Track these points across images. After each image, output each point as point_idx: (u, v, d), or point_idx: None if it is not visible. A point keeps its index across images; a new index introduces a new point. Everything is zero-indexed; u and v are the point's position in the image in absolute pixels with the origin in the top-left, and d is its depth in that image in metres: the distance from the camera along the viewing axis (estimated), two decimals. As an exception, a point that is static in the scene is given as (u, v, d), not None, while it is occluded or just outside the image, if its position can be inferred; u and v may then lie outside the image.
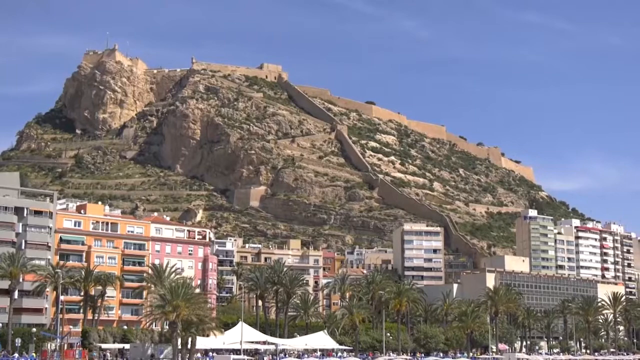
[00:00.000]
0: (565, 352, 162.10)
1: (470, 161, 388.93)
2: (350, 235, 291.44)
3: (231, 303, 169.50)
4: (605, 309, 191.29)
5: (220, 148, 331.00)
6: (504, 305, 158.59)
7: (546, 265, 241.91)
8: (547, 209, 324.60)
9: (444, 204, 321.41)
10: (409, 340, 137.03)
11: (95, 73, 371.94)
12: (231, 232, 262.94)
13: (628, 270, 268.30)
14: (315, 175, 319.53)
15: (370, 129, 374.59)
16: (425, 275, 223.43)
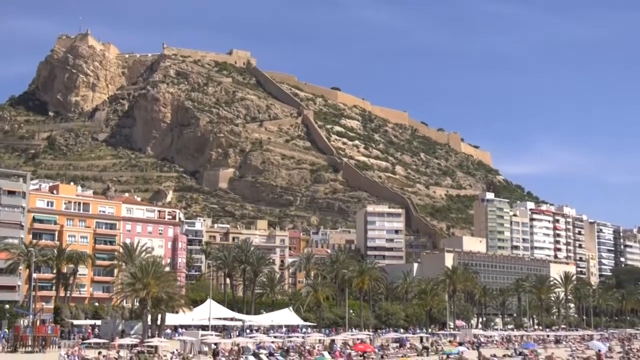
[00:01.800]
0: (518, 328, 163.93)
1: (431, 146, 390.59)
2: (315, 216, 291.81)
3: (200, 281, 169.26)
4: (557, 288, 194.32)
5: (190, 131, 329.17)
6: (462, 283, 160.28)
7: (502, 246, 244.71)
8: (504, 192, 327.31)
9: (405, 186, 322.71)
10: (371, 317, 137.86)
11: (68, 57, 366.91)
12: (200, 213, 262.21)
13: (579, 251, 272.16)
14: (282, 158, 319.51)
15: (335, 114, 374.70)
16: (387, 255, 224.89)
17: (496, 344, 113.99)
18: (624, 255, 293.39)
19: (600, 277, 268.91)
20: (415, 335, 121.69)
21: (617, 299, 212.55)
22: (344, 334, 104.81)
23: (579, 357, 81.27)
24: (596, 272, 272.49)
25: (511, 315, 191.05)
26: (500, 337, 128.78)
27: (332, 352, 76.11)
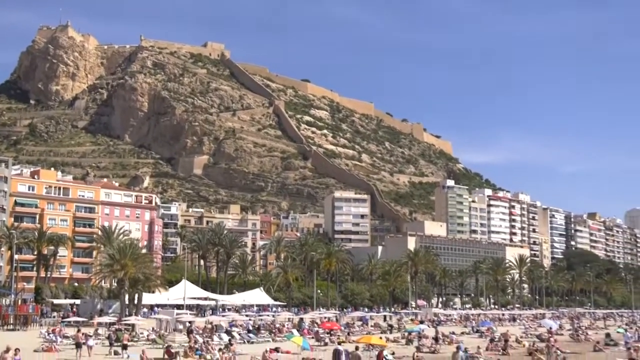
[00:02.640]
0: (476, 307, 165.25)
1: (395, 135, 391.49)
2: (285, 202, 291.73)
3: (175, 262, 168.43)
4: (512, 269, 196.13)
5: (167, 120, 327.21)
6: (423, 265, 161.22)
7: (461, 230, 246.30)
8: (463, 179, 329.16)
9: (371, 174, 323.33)
10: (337, 297, 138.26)
11: (48, 47, 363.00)
12: (176, 198, 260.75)
13: (533, 235, 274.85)
14: (254, 146, 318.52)
15: (305, 105, 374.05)
16: (353, 238, 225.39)
17: (455, 322, 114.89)
18: (574, 239, 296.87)
19: (552, 259, 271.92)
20: (379, 314, 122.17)
21: (568, 280, 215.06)
22: (312, 313, 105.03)
23: (532, 334, 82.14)
24: (548, 255, 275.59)
25: (469, 295, 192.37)
26: (458, 315, 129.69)
27: (300, 330, 76.23)
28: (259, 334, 71.44)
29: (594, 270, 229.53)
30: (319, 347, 60.25)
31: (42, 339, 62.04)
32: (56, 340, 61.08)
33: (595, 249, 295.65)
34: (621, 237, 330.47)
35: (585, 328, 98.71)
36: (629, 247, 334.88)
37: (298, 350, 52.10)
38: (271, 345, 57.49)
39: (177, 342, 58.33)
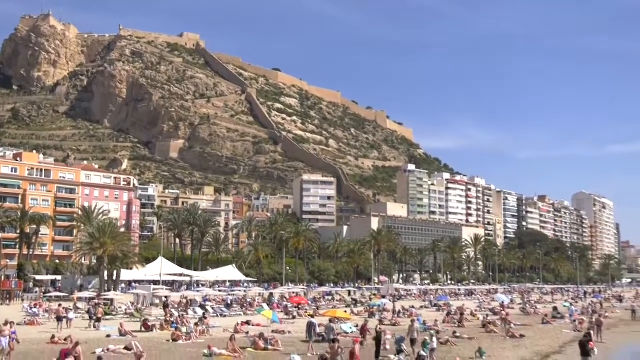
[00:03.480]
0: (434, 283, 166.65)
1: (360, 122, 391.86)
2: (257, 184, 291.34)
3: (152, 241, 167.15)
4: (468, 248, 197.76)
5: (144, 106, 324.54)
6: (385, 244, 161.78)
7: (421, 211, 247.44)
8: (423, 164, 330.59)
9: (337, 158, 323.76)
10: (305, 273, 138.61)
11: (31, 35, 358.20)
12: (153, 180, 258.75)
13: (487, 216, 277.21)
14: (228, 131, 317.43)
15: (275, 93, 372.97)
16: (320, 219, 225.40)
17: (414, 297, 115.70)
18: (525, 220, 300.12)
19: (505, 239, 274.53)
20: (344, 289, 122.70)
21: (519, 258, 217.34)
22: (282, 288, 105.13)
23: (486, 308, 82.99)
24: (502, 234, 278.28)
25: (428, 271, 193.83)
26: (418, 290, 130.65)
27: (270, 304, 76.31)
28: (231, 308, 71.40)
29: (543, 248, 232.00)
30: (287, 320, 60.40)
31: (24, 313, 61.39)
32: (38, 314, 60.55)
33: (544, 229, 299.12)
34: (568, 218, 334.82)
35: (535, 302, 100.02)
36: (575, 228, 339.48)
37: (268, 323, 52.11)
38: (242, 319, 57.52)
39: (154, 316, 58.05)
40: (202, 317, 54.17)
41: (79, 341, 31.09)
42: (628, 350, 46.53)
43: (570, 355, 34.45)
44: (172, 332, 44.41)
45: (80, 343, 30.51)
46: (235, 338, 38.12)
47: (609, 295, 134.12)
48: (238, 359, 34.10)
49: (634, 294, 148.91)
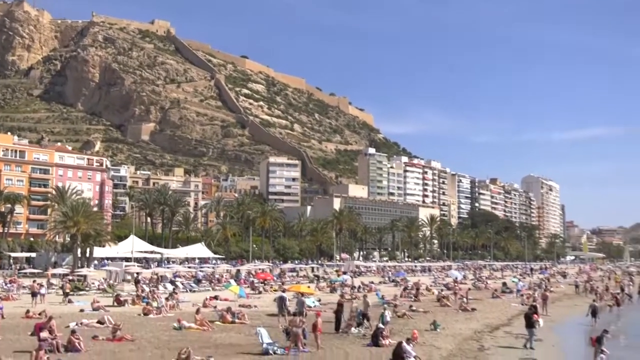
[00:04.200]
0: (392, 260, 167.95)
1: (324, 108, 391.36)
2: (225, 166, 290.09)
3: (124, 220, 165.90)
4: (424, 227, 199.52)
5: (116, 90, 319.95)
6: (347, 223, 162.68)
7: (380, 192, 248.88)
8: (383, 148, 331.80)
9: (302, 142, 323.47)
10: (271, 251, 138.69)
11: (5, 20, 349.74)
12: (125, 161, 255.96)
13: (443, 197, 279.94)
14: (197, 115, 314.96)
15: (243, 79, 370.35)
16: (285, 199, 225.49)
17: (373, 273, 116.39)
18: (478, 201, 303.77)
19: (458, 218, 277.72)
20: (307, 266, 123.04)
21: (472, 236, 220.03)
22: (248, 265, 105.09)
23: (440, 283, 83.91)
24: (456, 214, 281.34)
25: (386, 249, 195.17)
26: (377, 267, 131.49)
27: (237, 280, 76.30)
28: (200, 284, 71.22)
29: (494, 228, 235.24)
30: (254, 295, 60.46)
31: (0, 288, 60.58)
32: (13, 289, 59.84)
33: (495, 209, 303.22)
34: (517, 199, 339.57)
35: (486, 278, 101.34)
36: (524, 209, 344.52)
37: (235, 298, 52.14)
38: (211, 294, 57.45)
39: (126, 291, 57.69)
40: (172, 293, 53.98)
41: (52, 315, 30.84)
42: (570, 322, 47.53)
43: (517, 326, 35.12)
44: (144, 306, 44.19)
45: (54, 317, 30.28)
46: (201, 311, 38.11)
47: (554, 272, 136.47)
48: (206, 331, 34.09)
49: (576, 270, 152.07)
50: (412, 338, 27.04)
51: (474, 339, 34.16)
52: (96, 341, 29.50)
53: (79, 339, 27.13)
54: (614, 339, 27.75)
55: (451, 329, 36.69)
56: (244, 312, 40.77)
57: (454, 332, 35.86)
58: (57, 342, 26.70)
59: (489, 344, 32.59)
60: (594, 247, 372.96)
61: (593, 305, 47.90)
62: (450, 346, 30.71)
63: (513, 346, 31.72)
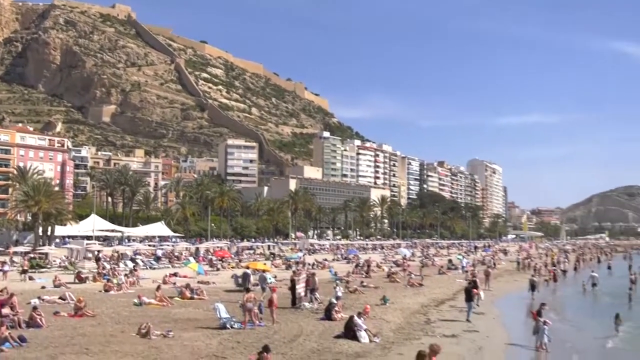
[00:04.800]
0: (345, 238, 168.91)
1: (281, 92, 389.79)
2: (184, 147, 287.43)
3: (85, 199, 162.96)
4: (375, 207, 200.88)
5: (78, 72, 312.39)
6: (302, 203, 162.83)
7: (334, 174, 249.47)
8: (337, 131, 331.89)
9: (259, 125, 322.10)
10: (229, 229, 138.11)
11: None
12: (86, 142, 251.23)
13: (393, 179, 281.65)
14: (157, 98, 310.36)
15: (202, 63, 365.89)
16: (243, 180, 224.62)
17: (327, 251, 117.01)
18: (426, 183, 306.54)
19: (408, 199, 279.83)
20: (264, 244, 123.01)
21: (420, 216, 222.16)
22: (207, 243, 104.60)
23: (390, 260, 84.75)
24: (405, 195, 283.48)
25: (340, 228, 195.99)
26: (330, 245, 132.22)
27: (196, 257, 75.91)
28: (159, 262, 70.61)
29: (441, 208, 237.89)
30: (212, 272, 60.22)
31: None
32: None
33: (442, 191, 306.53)
34: (463, 181, 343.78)
35: (433, 255, 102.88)
36: (469, 190, 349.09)
37: (194, 275, 51.92)
38: (170, 271, 57.02)
39: (87, 269, 56.89)
40: (133, 270, 53.48)
41: (14, 292, 30.31)
42: (510, 296, 48.60)
43: (461, 300, 35.74)
44: (104, 283, 43.64)
45: (15, 294, 29.77)
46: (162, 288, 37.86)
47: (496, 249, 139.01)
48: (166, 307, 33.88)
49: (517, 248, 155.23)
50: (364, 312, 27.30)
51: (421, 312, 34.66)
52: (58, 317, 29.08)
53: (41, 315, 26.72)
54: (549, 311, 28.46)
55: (400, 304, 37.14)
56: (202, 289, 40.62)
57: (403, 306, 36.31)
58: (18, 318, 26.28)
59: (435, 317, 33.11)
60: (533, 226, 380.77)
61: (532, 280, 49.12)
62: (399, 319, 31.12)
63: (457, 319, 32.28)
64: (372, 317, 29.68)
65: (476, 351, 24.27)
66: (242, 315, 27.67)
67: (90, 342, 22.83)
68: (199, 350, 22.00)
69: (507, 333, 29.70)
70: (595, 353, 25.76)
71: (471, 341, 26.18)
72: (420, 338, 25.84)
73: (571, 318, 35.28)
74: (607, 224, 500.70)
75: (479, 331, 28.81)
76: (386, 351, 22.99)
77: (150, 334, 24.01)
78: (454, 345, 24.99)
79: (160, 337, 24.07)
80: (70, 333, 24.76)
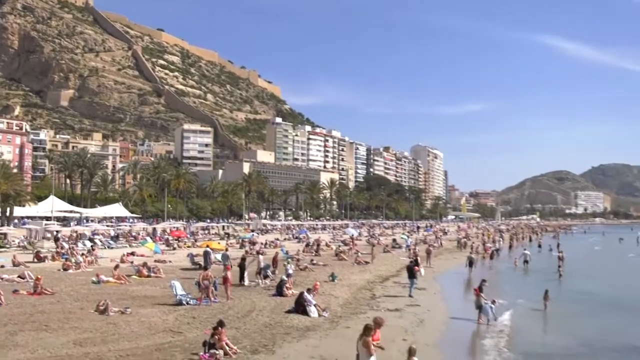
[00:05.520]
0: (296, 219, 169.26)
1: (235, 80, 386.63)
2: (141, 131, 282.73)
3: (43, 181, 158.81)
4: (324, 190, 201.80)
5: (36, 57, 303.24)
6: (255, 186, 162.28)
7: (286, 158, 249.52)
8: (289, 118, 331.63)
9: (214, 110, 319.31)
10: (185, 210, 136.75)
11: None
12: (44, 125, 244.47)
13: (341, 163, 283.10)
14: (115, 84, 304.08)
15: (159, 50, 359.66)
16: (199, 163, 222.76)
17: (279, 231, 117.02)
18: (372, 167, 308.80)
19: (355, 182, 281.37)
20: (218, 224, 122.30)
21: (367, 198, 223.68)
22: (163, 224, 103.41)
23: (338, 239, 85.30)
24: (353, 179, 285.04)
25: (291, 209, 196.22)
26: (282, 225, 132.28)
27: (153, 237, 75.00)
28: (117, 241, 69.48)
29: (386, 191, 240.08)
30: (168, 251, 59.64)
31: None
32: None
33: (388, 174, 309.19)
34: (407, 166, 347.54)
35: (378, 235, 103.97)
36: (412, 174, 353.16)
37: (151, 254, 51.31)
38: (128, 250, 56.17)
39: (46, 248, 55.58)
40: (91, 249, 52.52)
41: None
42: (449, 272, 49.48)
43: (404, 277, 36.23)
44: (63, 262, 42.73)
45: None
46: (120, 266, 37.31)
47: (437, 229, 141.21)
48: (124, 285, 33.41)
49: (456, 228, 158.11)
50: (313, 288, 27.44)
51: (366, 288, 35.02)
52: (17, 295, 28.37)
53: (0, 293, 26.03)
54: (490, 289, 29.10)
55: (347, 280, 37.45)
56: (159, 267, 40.17)
57: (350, 282, 36.62)
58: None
59: (380, 292, 33.51)
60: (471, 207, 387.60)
61: (470, 257, 50.15)
62: (346, 295, 31.39)
63: (400, 294, 32.74)
64: (321, 293, 29.85)
65: (418, 324, 24.67)
66: (197, 292, 27.53)
67: (49, 319, 22.37)
68: (156, 325, 21.79)
69: (447, 307, 30.26)
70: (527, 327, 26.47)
71: (413, 315, 26.59)
72: (366, 312, 26.13)
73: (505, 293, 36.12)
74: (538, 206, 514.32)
75: (421, 305, 29.28)
76: (334, 325, 23.18)
77: (109, 311, 23.68)
78: (397, 318, 25.35)
79: (118, 313, 23.76)
80: (30, 310, 24.21)
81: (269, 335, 20.75)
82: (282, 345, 19.36)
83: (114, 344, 18.83)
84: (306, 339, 20.41)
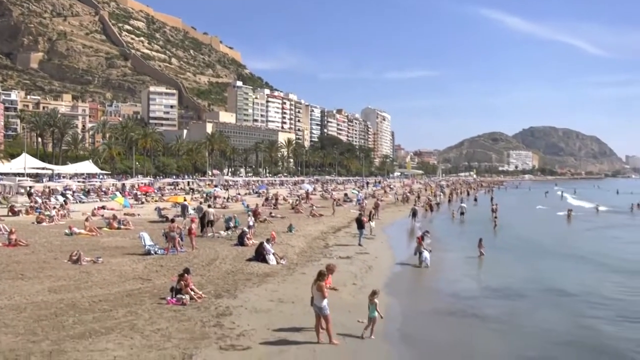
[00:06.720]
0: (256, 175, 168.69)
1: (198, 45, 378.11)
2: (109, 93, 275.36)
3: (16, 140, 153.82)
4: (282, 149, 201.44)
5: (5, 20, 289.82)
6: (218, 145, 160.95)
7: (246, 119, 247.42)
8: (249, 81, 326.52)
9: (179, 74, 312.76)
10: (152, 167, 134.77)
11: None
12: (15, 86, 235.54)
13: (298, 124, 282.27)
14: (83, 47, 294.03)
15: (125, 16, 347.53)
16: (164, 123, 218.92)
17: (240, 186, 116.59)
18: (326, 127, 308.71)
19: (310, 142, 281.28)
20: (184, 180, 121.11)
21: (321, 156, 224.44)
22: (132, 180, 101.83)
23: (295, 194, 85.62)
24: (308, 138, 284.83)
25: (251, 167, 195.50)
26: (243, 181, 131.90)
27: (122, 192, 73.84)
28: (88, 196, 68.20)
29: (339, 150, 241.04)
30: (137, 205, 58.91)
31: None
32: None
33: (340, 135, 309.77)
34: (358, 127, 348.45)
35: (331, 190, 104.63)
36: (363, 134, 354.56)
37: (120, 208, 50.60)
38: (99, 204, 55.26)
39: (20, 203, 54.18)
40: (63, 203, 51.46)
41: (-51, 225, 28.57)
42: (395, 223, 50.27)
43: (354, 228, 36.70)
44: (37, 215, 41.83)
45: (-49, 226, 28.05)
46: (91, 219, 36.74)
47: (384, 185, 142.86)
48: (95, 236, 32.97)
49: (401, 184, 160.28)
50: (271, 238, 27.59)
51: (320, 238, 35.40)
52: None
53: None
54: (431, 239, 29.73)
55: (303, 231, 37.75)
56: (128, 220, 39.71)
57: (305, 233, 36.94)
58: (-46, 248, 24.86)
59: (333, 242, 33.93)
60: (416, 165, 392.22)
61: (413, 209, 51.08)
62: (302, 244, 31.69)
63: (351, 243, 33.21)
64: (279, 242, 30.07)
65: (367, 270, 25.12)
66: (165, 242, 27.40)
67: (25, 269, 21.99)
68: (126, 273, 21.67)
69: (393, 254, 30.85)
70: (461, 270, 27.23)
71: (362, 262, 27.05)
72: (320, 260, 26.46)
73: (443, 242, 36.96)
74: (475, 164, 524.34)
75: (369, 253, 29.79)
76: (291, 271, 23.44)
77: (81, 261, 23.40)
78: (348, 265, 25.76)
79: (90, 262, 23.51)
80: (6, 261, 23.73)
81: (231, 281, 20.87)
82: (243, 290, 19.52)
83: (87, 290, 18.67)
84: (265, 284, 20.61)
